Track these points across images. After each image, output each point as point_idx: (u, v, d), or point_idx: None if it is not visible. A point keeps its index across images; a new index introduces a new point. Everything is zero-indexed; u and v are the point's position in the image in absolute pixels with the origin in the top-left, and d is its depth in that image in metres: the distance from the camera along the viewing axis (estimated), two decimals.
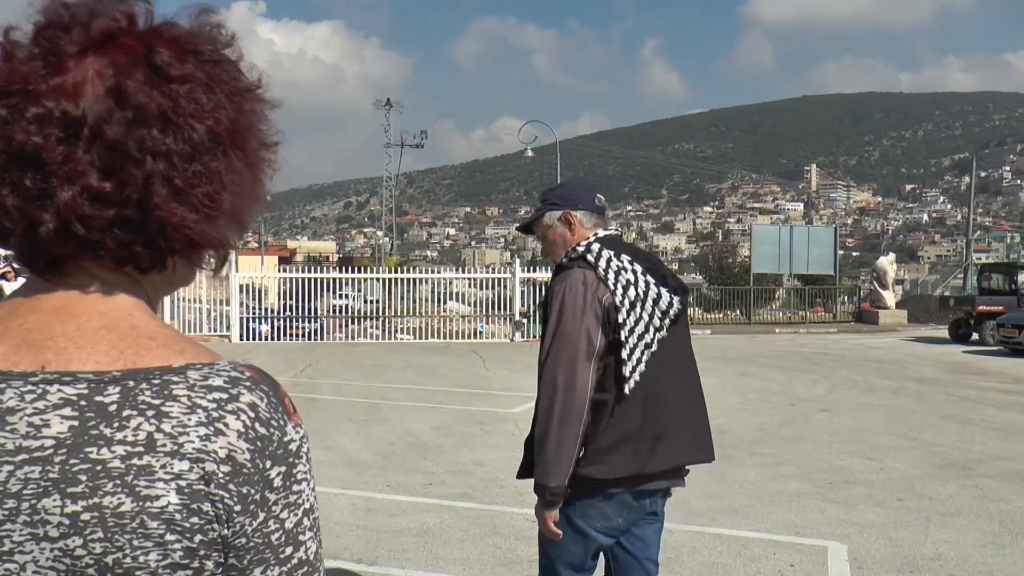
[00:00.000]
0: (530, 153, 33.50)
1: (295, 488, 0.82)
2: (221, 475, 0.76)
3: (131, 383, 0.77)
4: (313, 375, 14.04)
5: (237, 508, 0.77)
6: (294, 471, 0.82)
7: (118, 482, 0.74)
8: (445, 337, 22.40)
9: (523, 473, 2.84)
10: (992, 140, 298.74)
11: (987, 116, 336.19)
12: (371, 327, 22.99)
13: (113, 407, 0.76)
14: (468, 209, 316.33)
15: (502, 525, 5.66)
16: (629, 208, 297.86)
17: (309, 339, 21.67)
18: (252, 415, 0.79)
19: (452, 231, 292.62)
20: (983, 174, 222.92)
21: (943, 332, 23.47)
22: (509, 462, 7.56)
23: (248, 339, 21.15)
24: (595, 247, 2.74)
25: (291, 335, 21.75)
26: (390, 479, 6.93)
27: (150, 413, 0.76)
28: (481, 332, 22.83)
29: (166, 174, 0.77)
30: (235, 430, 0.78)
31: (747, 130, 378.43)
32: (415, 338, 22.35)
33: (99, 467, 0.74)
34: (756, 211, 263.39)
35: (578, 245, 2.79)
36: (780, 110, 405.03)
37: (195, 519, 0.75)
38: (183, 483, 0.75)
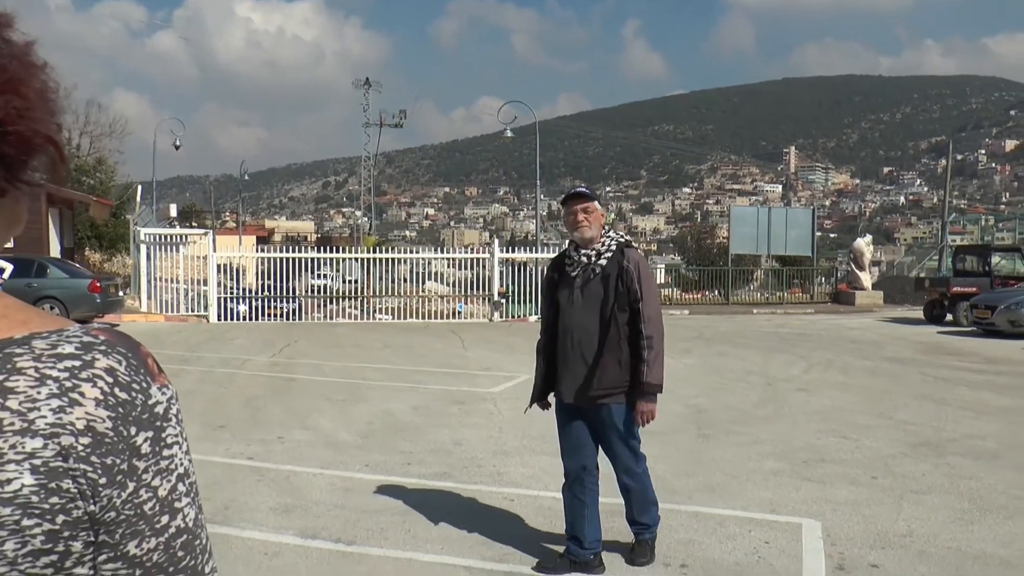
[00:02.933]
0: (509, 133, 33.38)
1: (166, 453, 0.78)
2: (80, 448, 0.71)
3: None
4: (292, 355, 13.99)
5: (102, 481, 0.73)
6: (163, 435, 0.78)
7: None
8: (424, 317, 22.37)
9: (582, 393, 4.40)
10: (969, 124, 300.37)
11: (964, 100, 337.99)
12: (349, 307, 22.90)
13: None
14: (447, 189, 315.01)
15: (480, 504, 5.68)
16: (608, 189, 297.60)
17: (287, 319, 21.57)
18: (110, 380, 0.74)
19: (431, 211, 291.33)
20: (959, 157, 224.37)
21: (918, 313, 23.69)
22: (488, 441, 7.58)
23: (226, 319, 21.04)
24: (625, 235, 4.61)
25: (269, 315, 21.64)
26: (369, 459, 6.94)
27: None
28: (460, 312, 22.82)
29: None
30: (92, 398, 0.73)
31: (727, 112, 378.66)
32: (394, 318, 22.31)
33: None
34: (735, 192, 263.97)
35: (616, 230, 4.54)
36: (760, 92, 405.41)
37: (55, 499, 0.70)
38: (37, 462, 0.70)
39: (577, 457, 4.46)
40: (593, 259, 4.36)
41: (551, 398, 4.67)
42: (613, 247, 4.38)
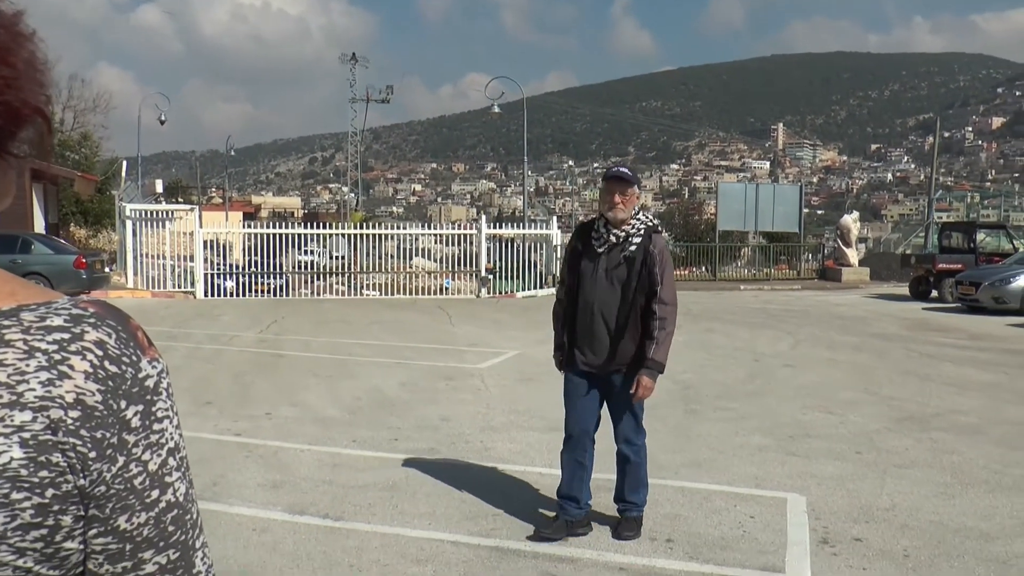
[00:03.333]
0: (497, 109, 33.26)
1: (156, 427, 0.77)
2: (70, 421, 0.71)
3: None
4: (279, 331, 13.97)
5: (92, 455, 0.72)
6: (153, 409, 0.77)
7: None
8: (411, 293, 22.36)
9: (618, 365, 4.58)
10: (956, 101, 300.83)
11: (952, 77, 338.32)
12: (337, 283, 22.85)
13: None
14: (434, 165, 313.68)
15: (468, 479, 5.71)
16: (596, 165, 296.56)
17: (274, 295, 21.53)
18: (100, 353, 0.74)
19: (418, 187, 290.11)
20: (946, 134, 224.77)
21: (904, 289, 23.82)
22: (475, 417, 7.60)
23: (213, 295, 20.97)
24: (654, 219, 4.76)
25: (256, 291, 21.58)
26: (356, 435, 6.95)
27: None
28: (447, 288, 22.82)
29: None
30: (82, 371, 0.72)
31: (715, 88, 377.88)
32: (381, 294, 22.28)
33: None
34: (723, 169, 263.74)
35: (645, 214, 4.71)
36: (749, 69, 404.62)
37: (44, 472, 0.70)
38: (27, 435, 0.69)
39: (582, 422, 4.66)
40: (622, 239, 4.55)
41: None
42: (642, 231, 4.57)
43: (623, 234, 4.56)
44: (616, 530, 4.73)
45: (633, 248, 4.54)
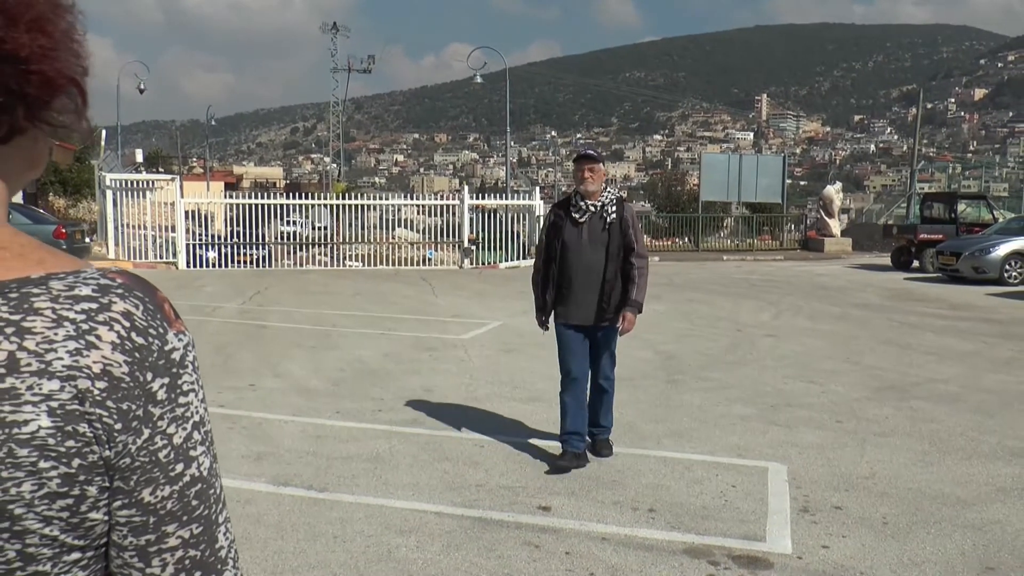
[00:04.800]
0: (479, 80, 33.06)
1: (182, 400, 0.77)
2: (97, 392, 0.71)
3: None
4: (262, 302, 13.91)
5: (118, 426, 0.72)
6: (179, 382, 0.77)
7: None
8: (394, 264, 22.29)
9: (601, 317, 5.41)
10: (939, 72, 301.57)
11: (936, 49, 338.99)
12: (319, 254, 22.74)
13: None
14: (417, 136, 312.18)
15: (451, 450, 5.72)
16: (579, 136, 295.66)
17: (257, 266, 21.40)
18: (127, 324, 0.73)
19: (400, 157, 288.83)
20: (929, 106, 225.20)
21: (886, 259, 23.96)
22: (458, 388, 7.61)
23: (195, 266, 20.85)
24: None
25: (239, 262, 21.45)
26: (340, 406, 6.95)
27: (9, 331, 0.69)
28: (430, 259, 22.76)
29: None
30: (109, 342, 0.72)
31: (699, 59, 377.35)
32: (364, 265, 22.20)
33: None
34: (706, 140, 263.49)
35: (611, 188, 5.52)
36: (732, 40, 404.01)
37: (71, 442, 0.70)
38: (54, 404, 0.69)
39: (579, 365, 5.43)
40: (599, 209, 5.36)
41: (551, 320, 5.60)
42: (614, 201, 5.41)
43: (599, 203, 5.36)
44: (595, 450, 5.53)
45: (614, 216, 5.34)
